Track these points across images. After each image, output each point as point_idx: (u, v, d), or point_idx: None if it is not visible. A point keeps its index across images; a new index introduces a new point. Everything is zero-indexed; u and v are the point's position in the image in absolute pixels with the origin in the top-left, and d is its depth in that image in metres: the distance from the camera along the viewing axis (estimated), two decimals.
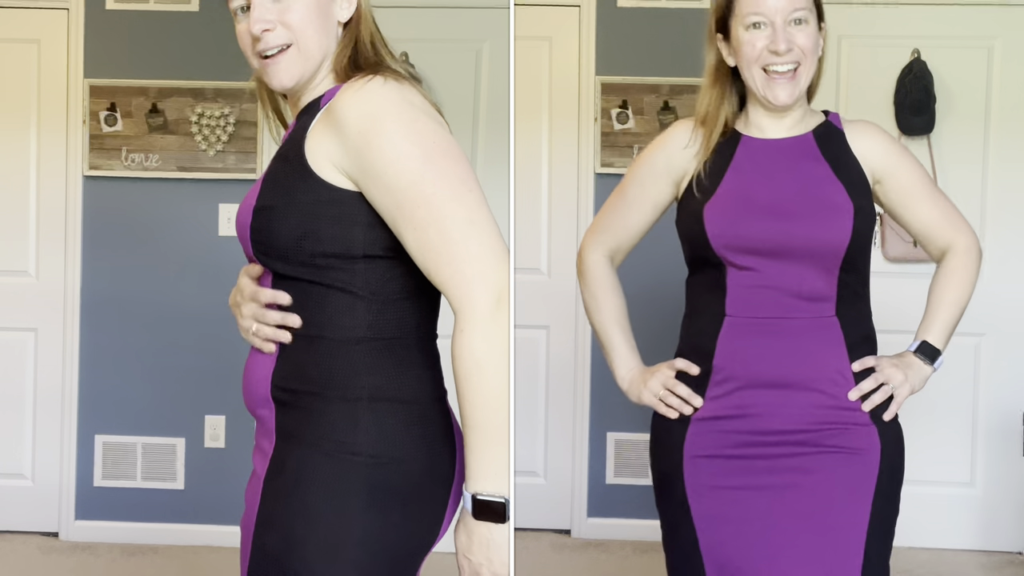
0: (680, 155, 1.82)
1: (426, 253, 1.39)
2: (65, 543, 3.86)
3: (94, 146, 3.85)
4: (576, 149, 3.95)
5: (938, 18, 3.79)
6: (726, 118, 1.80)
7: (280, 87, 1.54)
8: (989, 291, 3.81)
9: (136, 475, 3.88)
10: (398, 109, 1.42)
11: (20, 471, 3.91)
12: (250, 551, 1.48)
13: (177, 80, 3.82)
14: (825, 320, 1.74)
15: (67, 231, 3.87)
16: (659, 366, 1.88)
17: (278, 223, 1.45)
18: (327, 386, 1.45)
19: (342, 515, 1.42)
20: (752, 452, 1.73)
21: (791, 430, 1.72)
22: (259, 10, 1.50)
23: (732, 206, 1.74)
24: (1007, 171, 3.80)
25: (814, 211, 1.72)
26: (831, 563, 1.67)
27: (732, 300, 1.75)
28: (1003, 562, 3.75)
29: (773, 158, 1.77)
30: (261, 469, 1.51)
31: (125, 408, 3.90)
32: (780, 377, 1.73)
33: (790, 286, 1.72)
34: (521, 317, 3.93)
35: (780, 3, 1.69)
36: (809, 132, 1.80)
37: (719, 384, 1.76)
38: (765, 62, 1.72)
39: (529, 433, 4.01)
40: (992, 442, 3.83)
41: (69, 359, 3.89)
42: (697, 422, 1.77)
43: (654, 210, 1.90)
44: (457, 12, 3.81)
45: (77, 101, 3.85)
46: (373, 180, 1.40)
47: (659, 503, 1.85)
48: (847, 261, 1.73)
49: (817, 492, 1.70)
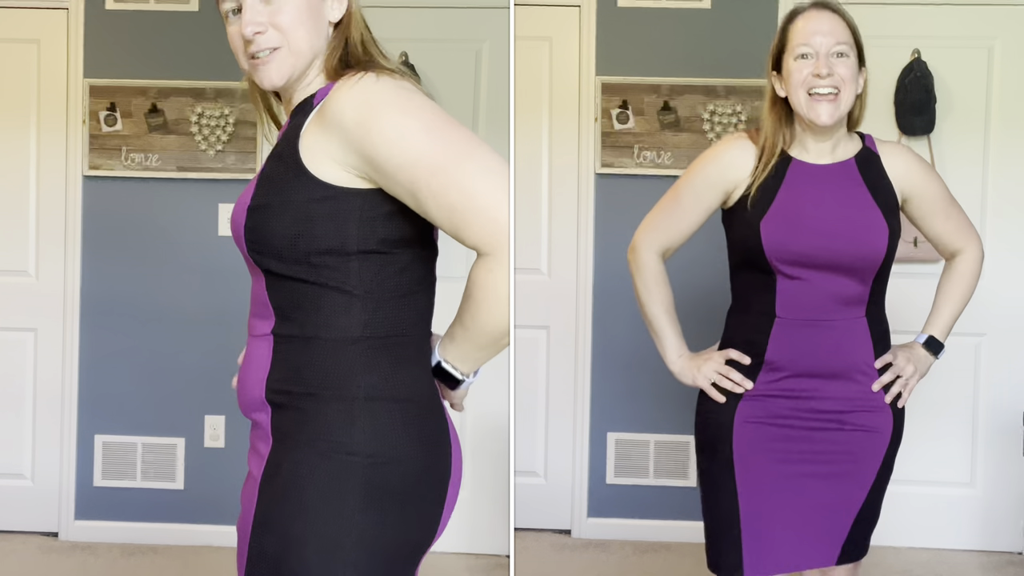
0: (734, 170, 2.09)
1: (452, 216, 1.40)
2: (65, 543, 3.86)
3: (94, 146, 3.85)
4: (576, 149, 3.95)
5: (938, 18, 3.79)
6: (782, 143, 2.08)
7: (271, 86, 1.55)
8: (989, 291, 3.81)
9: (136, 475, 3.88)
10: (393, 94, 1.44)
11: (20, 471, 3.91)
12: (247, 553, 1.48)
13: (177, 80, 3.82)
14: (858, 321, 2.06)
15: (67, 231, 3.88)
16: (711, 353, 2.16)
17: (274, 221, 1.45)
18: (323, 386, 1.45)
19: (340, 515, 1.42)
20: (794, 423, 2.07)
21: (827, 410, 2.07)
22: (250, 12, 1.52)
23: (786, 223, 2.02)
24: (1007, 171, 3.80)
25: (856, 231, 2.02)
26: (841, 503, 2.09)
27: (782, 303, 2.05)
28: (1003, 562, 3.75)
29: (821, 182, 2.06)
30: (257, 471, 1.50)
31: (125, 408, 3.90)
32: (821, 368, 2.06)
33: (832, 293, 2.04)
34: (521, 317, 3.93)
35: (825, 38, 2.00)
36: (851, 158, 2.09)
37: (769, 372, 2.07)
38: (809, 85, 2.01)
39: (529, 433, 4.01)
40: (992, 442, 3.83)
41: (69, 359, 3.89)
42: (749, 398, 2.09)
43: (704, 215, 2.16)
44: (457, 12, 3.81)
45: (77, 101, 3.85)
46: (382, 164, 1.40)
47: (702, 464, 2.14)
48: (879, 273, 2.05)
49: (842, 461, 2.08)
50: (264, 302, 1.52)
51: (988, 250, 3.81)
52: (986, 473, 3.84)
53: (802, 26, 2.02)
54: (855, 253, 2.01)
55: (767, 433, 2.07)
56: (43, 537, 3.90)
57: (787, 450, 2.07)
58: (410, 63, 3.76)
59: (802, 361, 2.05)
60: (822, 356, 2.05)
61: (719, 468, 2.09)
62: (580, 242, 3.95)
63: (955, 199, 2.21)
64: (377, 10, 3.89)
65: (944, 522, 3.85)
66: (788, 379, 2.06)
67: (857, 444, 2.08)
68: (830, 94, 2.00)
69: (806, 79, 2.00)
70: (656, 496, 3.95)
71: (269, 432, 1.50)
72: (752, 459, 2.07)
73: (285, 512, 1.43)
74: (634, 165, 3.89)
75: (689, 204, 2.14)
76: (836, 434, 2.08)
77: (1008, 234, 3.81)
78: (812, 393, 2.06)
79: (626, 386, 3.94)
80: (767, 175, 2.05)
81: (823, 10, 2.03)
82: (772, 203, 2.03)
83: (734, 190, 2.09)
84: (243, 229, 1.49)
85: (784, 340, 2.05)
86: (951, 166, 3.80)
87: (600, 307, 3.96)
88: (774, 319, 2.05)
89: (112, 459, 3.89)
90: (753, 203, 2.04)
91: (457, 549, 3.84)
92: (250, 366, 1.54)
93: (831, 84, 1.99)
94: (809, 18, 2.03)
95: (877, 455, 2.10)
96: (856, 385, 2.07)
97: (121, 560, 3.72)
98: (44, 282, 3.91)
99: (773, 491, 2.07)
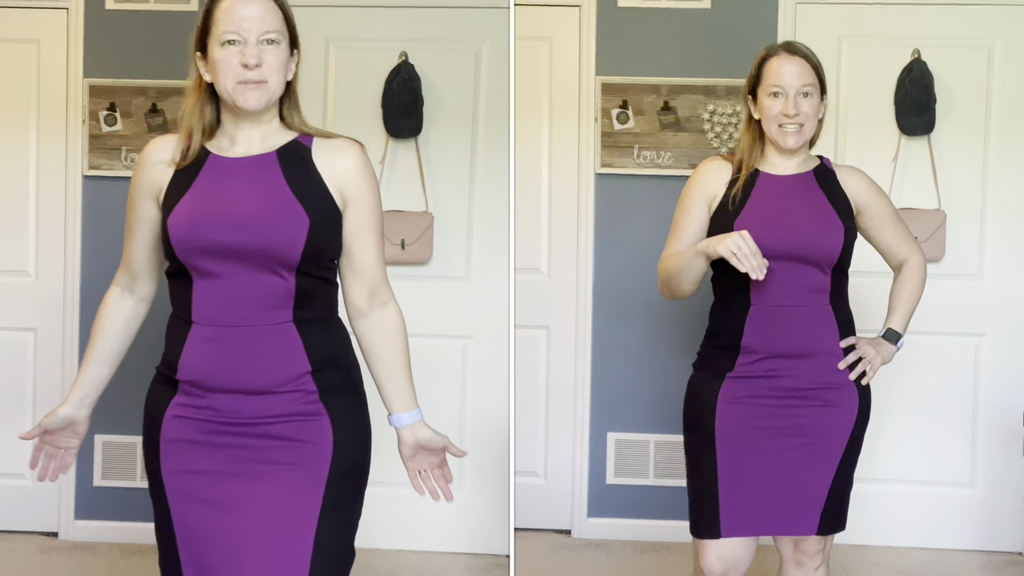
0: (711, 183, 2.44)
1: None
2: (65, 543, 3.86)
3: (94, 146, 3.85)
4: (576, 149, 3.95)
5: (938, 18, 3.79)
6: (755, 160, 2.45)
7: (255, 107, 1.96)
8: (989, 291, 3.82)
9: (135, 475, 3.89)
10: None
11: (20, 471, 3.91)
12: (328, 474, 1.92)
13: (177, 80, 3.82)
14: (823, 307, 2.38)
15: (67, 231, 3.88)
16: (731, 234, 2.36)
17: (335, 239, 1.97)
18: (344, 352, 2.01)
19: (368, 425, 2.04)
20: (768, 401, 2.35)
21: (800, 388, 2.36)
22: (255, 48, 1.96)
23: (757, 222, 2.32)
24: (1007, 171, 3.80)
25: (815, 227, 2.36)
26: (813, 474, 2.36)
27: (755, 293, 2.34)
28: (1003, 562, 3.75)
29: (785, 189, 2.42)
30: (313, 422, 1.94)
31: (125, 408, 3.88)
32: (793, 350, 2.35)
33: (798, 281, 2.35)
34: (521, 317, 3.93)
35: (793, 79, 2.37)
36: (810, 171, 2.46)
37: (748, 355, 2.36)
38: (780, 121, 2.39)
39: (529, 433, 4.01)
40: (992, 442, 3.83)
41: (69, 359, 3.89)
42: (731, 379, 2.37)
43: (700, 229, 2.44)
44: (457, 12, 3.81)
45: (77, 101, 3.85)
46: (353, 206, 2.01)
47: (688, 439, 2.44)
48: (838, 264, 2.37)
49: (813, 431, 2.36)
50: (284, 295, 1.91)
51: (987, 250, 3.83)
52: (986, 473, 3.84)
53: (775, 68, 2.39)
54: (815, 245, 2.33)
55: (746, 411, 2.35)
56: (43, 537, 3.90)
57: (763, 426, 2.35)
58: (410, 63, 3.76)
59: (774, 343, 2.34)
60: (791, 338, 2.34)
61: (702, 442, 2.38)
62: (580, 242, 3.95)
63: (900, 216, 2.55)
64: (377, 10, 3.91)
65: (944, 522, 3.85)
66: (763, 360, 2.35)
67: (827, 418, 2.36)
68: (796, 128, 2.38)
69: (777, 116, 2.38)
70: (656, 496, 3.95)
71: (316, 391, 1.94)
72: (732, 433, 2.35)
73: (356, 431, 1.99)
74: (634, 165, 3.89)
75: (685, 223, 2.44)
76: (807, 409, 2.35)
77: (1008, 234, 3.81)
78: (784, 372, 2.34)
79: (626, 386, 3.94)
80: (741, 185, 2.39)
81: (793, 55, 2.39)
82: (744, 208, 2.37)
83: (713, 200, 2.42)
84: (302, 244, 1.88)
85: (758, 326, 2.35)
86: (951, 166, 3.80)
87: (600, 307, 3.96)
88: (749, 307, 2.35)
89: (112, 459, 3.90)
90: (730, 208, 2.38)
91: (457, 549, 3.84)
92: (270, 351, 1.91)
93: (797, 121, 2.38)
94: (781, 62, 2.39)
95: (845, 429, 2.36)
96: (823, 365, 2.36)
97: (121, 560, 3.72)
98: (44, 282, 3.91)
99: (750, 462, 2.34)
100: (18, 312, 3.91)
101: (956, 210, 3.79)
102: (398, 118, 3.75)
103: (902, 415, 3.82)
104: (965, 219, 3.80)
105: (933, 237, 3.72)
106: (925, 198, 3.78)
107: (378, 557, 3.75)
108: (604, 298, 3.95)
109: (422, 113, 3.78)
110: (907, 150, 3.80)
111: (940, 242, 3.73)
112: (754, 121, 2.46)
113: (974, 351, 3.84)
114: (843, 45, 3.81)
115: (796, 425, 2.35)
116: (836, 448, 2.36)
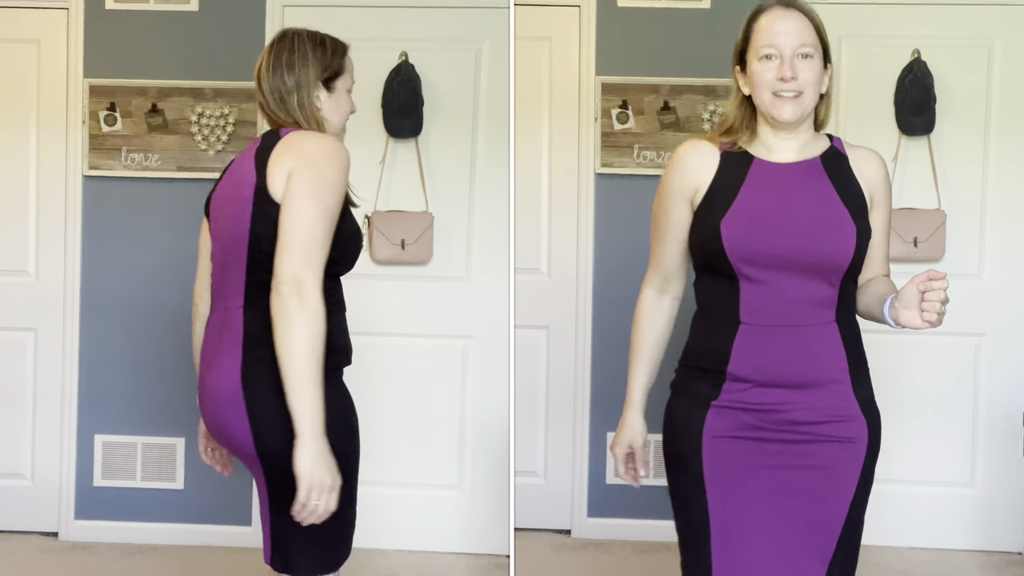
0: (692, 175, 2.02)
1: None
2: (65, 543, 3.86)
3: (94, 146, 3.85)
4: (576, 149, 3.95)
5: (938, 18, 3.79)
6: (743, 140, 2.03)
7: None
8: (989, 291, 3.82)
9: (136, 475, 3.89)
10: None
11: (20, 471, 3.91)
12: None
13: (177, 80, 3.82)
14: (828, 326, 1.95)
15: (67, 231, 3.88)
16: (629, 431, 2.30)
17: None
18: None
19: None
20: (766, 436, 1.95)
21: (800, 421, 1.94)
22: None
23: (748, 223, 1.93)
24: (1007, 171, 3.80)
25: (822, 231, 1.93)
26: (821, 521, 1.96)
27: (746, 308, 1.94)
28: (1003, 562, 3.75)
29: (785, 180, 1.98)
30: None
31: (125, 408, 3.90)
32: (789, 378, 1.94)
33: (799, 296, 1.93)
34: (521, 317, 3.93)
35: (789, 39, 1.95)
36: (817, 157, 2.02)
37: (735, 382, 1.96)
38: (774, 88, 1.96)
39: (529, 433, 4.01)
40: (992, 442, 3.83)
41: (69, 359, 3.89)
42: (716, 409, 1.98)
43: (681, 232, 2.07)
44: (457, 12, 3.81)
45: (77, 101, 3.85)
46: None
47: (672, 480, 2.07)
48: (848, 273, 1.95)
49: (818, 473, 1.95)
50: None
51: (987, 250, 3.83)
52: (986, 473, 3.84)
53: (766, 25, 1.97)
54: (821, 253, 1.91)
55: (737, 447, 1.96)
56: (43, 537, 3.90)
57: (759, 464, 1.96)
58: (410, 63, 3.76)
59: (769, 370, 1.93)
60: (790, 364, 1.93)
61: (690, 485, 2.00)
62: (580, 242, 3.95)
63: None
64: (377, 10, 3.91)
65: (944, 522, 3.85)
66: (755, 389, 1.95)
67: (832, 457, 1.95)
68: (792, 96, 1.96)
69: (770, 82, 1.96)
70: (656, 496, 3.94)
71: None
72: (723, 474, 1.96)
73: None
74: (634, 165, 3.89)
75: (665, 229, 2.07)
76: (809, 446, 1.95)
77: (1008, 234, 3.81)
78: (781, 405, 1.94)
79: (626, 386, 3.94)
80: (725, 172, 1.99)
81: (788, 9, 1.98)
82: (733, 203, 1.95)
83: (695, 193, 2.01)
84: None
85: (749, 348, 1.94)
86: (951, 166, 3.80)
87: (600, 307, 3.96)
88: (738, 326, 1.94)
89: (112, 459, 3.90)
90: (714, 203, 1.97)
91: (457, 549, 3.84)
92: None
93: (795, 88, 1.95)
94: (773, 17, 1.97)
95: (854, 467, 1.96)
96: (828, 394, 1.95)
97: (121, 560, 3.72)
98: (44, 282, 3.91)
99: (747, 511, 1.96)
100: (18, 312, 3.91)
101: (956, 210, 3.79)
102: (398, 118, 3.75)
103: (902, 415, 3.82)
104: (965, 219, 3.80)
105: (933, 237, 3.72)
106: (925, 198, 3.78)
107: (378, 557, 3.75)
108: (604, 298, 3.95)
109: (422, 113, 3.78)
110: (907, 150, 3.80)
111: (940, 242, 3.73)
112: (745, 99, 2.05)
113: (974, 351, 3.84)
114: (843, 45, 3.81)
115: (798, 465, 1.96)
116: (846, 490, 1.96)
